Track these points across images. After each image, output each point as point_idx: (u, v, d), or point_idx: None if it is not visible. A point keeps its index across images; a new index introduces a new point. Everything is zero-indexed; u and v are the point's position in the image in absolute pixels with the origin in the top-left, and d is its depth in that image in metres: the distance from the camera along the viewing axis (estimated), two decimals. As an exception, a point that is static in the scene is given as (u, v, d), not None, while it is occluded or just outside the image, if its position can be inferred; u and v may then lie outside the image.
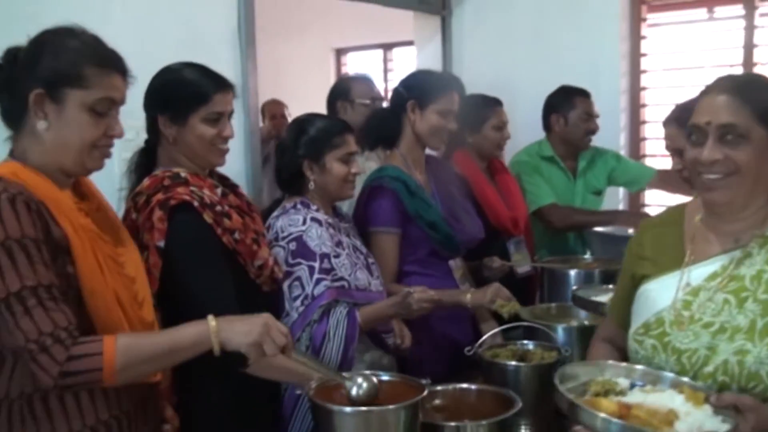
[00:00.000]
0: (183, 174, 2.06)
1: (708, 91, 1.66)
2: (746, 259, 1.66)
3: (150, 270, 1.92)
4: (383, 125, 2.87)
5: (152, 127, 2.11)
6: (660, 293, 1.74)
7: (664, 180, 3.70)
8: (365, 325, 2.36)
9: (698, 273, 1.70)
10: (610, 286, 2.38)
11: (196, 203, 1.98)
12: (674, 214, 1.87)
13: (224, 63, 3.00)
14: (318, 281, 2.30)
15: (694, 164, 1.65)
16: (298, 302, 2.29)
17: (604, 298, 2.35)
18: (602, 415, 1.49)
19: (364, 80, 3.69)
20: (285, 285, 2.29)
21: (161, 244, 1.93)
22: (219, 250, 2.02)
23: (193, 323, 1.66)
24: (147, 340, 1.63)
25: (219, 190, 2.15)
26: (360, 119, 3.22)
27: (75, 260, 1.59)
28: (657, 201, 4.26)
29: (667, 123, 2.46)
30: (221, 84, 2.11)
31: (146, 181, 2.04)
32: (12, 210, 1.51)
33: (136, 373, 1.62)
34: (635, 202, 4.29)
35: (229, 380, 1.98)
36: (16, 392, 1.59)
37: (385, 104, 3.49)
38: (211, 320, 1.63)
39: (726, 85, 1.63)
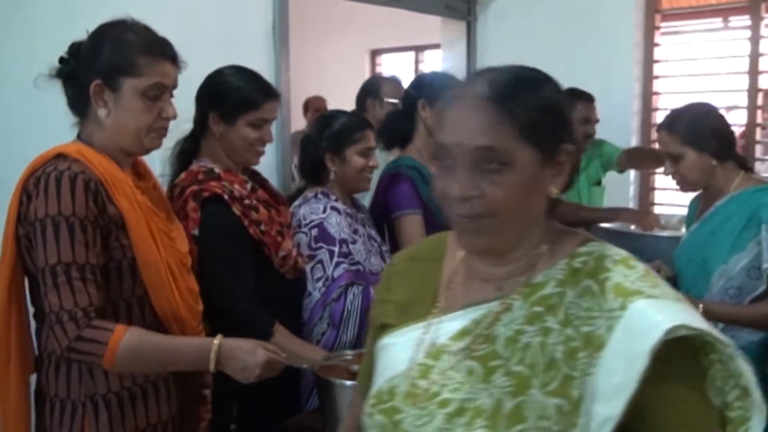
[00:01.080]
0: (216, 170, 2.18)
1: (461, 95, 1.16)
2: (505, 313, 1.16)
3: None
4: (398, 125, 2.98)
5: (202, 120, 2.23)
6: (399, 351, 1.24)
7: (630, 156, 3.82)
8: None
9: (445, 328, 1.21)
10: None
11: (226, 196, 2.12)
12: (435, 245, 1.36)
13: (259, 61, 3.13)
14: (337, 264, 2.42)
15: (443, 197, 1.17)
16: (320, 283, 2.41)
17: None
18: None
19: (393, 81, 3.83)
20: (308, 268, 2.40)
21: (195, 232, 2.06)
22: (245, 240, 2.14)
23: (198, 342, 1.76)
24: (151, 346, 1.69)
25: (249, 185, 2.27)
26: None
27: (129, 233, 1.70)
28: (666, 200, 4.38)
29: (659, 128, 2.56)
30: (271, 94, 2.26)
31: (183, 175, 2.17)
32: (70, 188, 1.62)
33: (133, 370, 1.71)
34: (644, 201, 4.38)
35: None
36: None
37: None
38: (213, 352, 1.70)
39: (482, 90, 1.13)
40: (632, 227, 3.49)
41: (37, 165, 1.68)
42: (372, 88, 3.75)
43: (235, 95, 2.22)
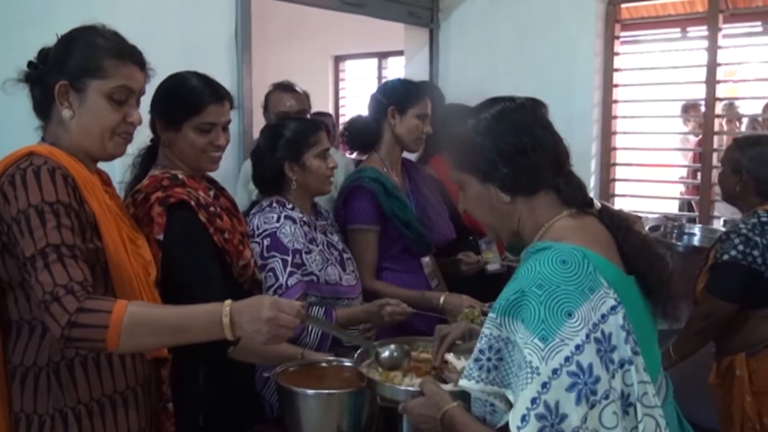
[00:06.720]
0: (180, 176, 2.14)
1: None
2: None
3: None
4: (364, 131, 2.99)
5: (154, 128, 2.20)
6: None
7: None
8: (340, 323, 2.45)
9: None
10: None
11: (192, 203, 2.08)
12: None
13: (221, 67, 3.15)
14: (291, 273, 2.42)
15: None
16: (270, 292, 2.37)
17: None
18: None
19: (282, 91, 3.59)
20: (261, 277, 2.37)
21: (160, 237, 2.02)
22: (210, 246, 2.11)
23: (207, 306, 1.63)
24: (157, 313, 1.62)
25: (212, 193, 2.24)
26: None
27: (102, 236, 1.66)
28: (627, 191, 4.43)
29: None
30: (216, 95, 2.16)
31: (146, 180, 2.12)
32: (50, 178, 1.59)
33: (139, 343, 1.60)
34: (605, 193, 4.35)
35: (216, 363, 2.06)
36: (44, 360, 1.65)
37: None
38: (226, 315, 1.59)
39: None
40: None
41: (7, 164, 1.64)
42: (264, 103, 3.59)
43: (177, 100, 2.16)
